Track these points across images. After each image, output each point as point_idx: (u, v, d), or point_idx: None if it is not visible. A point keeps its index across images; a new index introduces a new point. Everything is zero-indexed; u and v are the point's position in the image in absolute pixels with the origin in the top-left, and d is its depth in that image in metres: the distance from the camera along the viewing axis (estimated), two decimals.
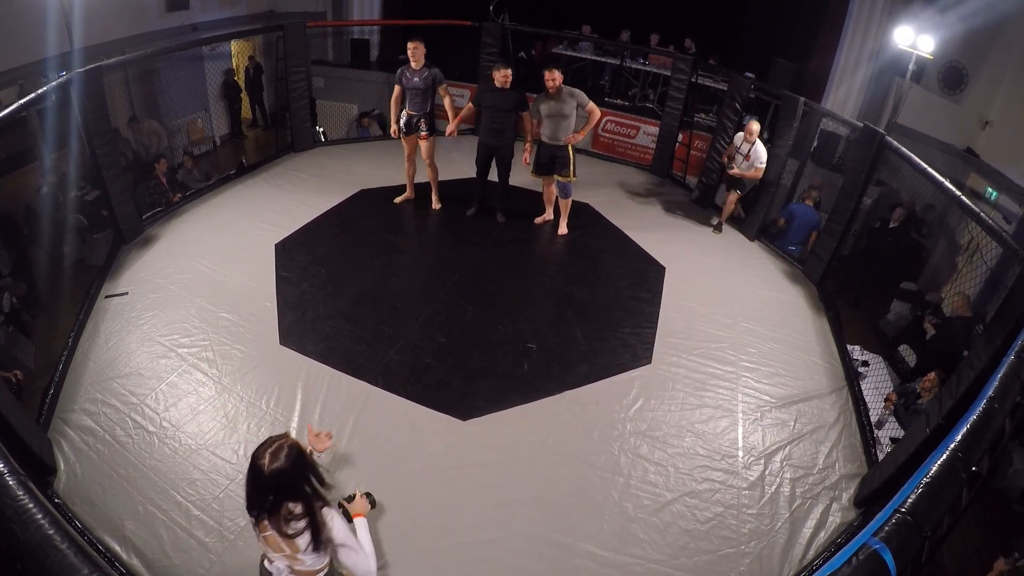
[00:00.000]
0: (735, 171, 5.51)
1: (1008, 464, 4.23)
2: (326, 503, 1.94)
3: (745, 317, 4.56)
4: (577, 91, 4.89)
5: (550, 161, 5.08)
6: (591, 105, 4.92)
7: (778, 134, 5.58)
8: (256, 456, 1.86)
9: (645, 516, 3.01)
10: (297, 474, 1.87)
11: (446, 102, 5.15)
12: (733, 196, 5.77)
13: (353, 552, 1.96)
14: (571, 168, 5.06)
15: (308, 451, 2.08)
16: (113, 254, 4.65)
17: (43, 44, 6.26)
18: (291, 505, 1.86)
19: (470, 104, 5.20)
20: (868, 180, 4.75)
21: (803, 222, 5.85)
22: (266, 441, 1.91)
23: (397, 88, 5.16)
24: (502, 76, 4.94)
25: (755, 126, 5.38)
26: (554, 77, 4.75)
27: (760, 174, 5.48)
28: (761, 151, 5.37)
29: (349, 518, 2.17)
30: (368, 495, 2.36)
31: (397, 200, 5.72)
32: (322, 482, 1.96)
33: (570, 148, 5.00)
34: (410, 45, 4.93)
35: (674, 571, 2.79)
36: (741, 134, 5.54)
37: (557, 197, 5.39)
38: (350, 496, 2.29)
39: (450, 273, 4.80)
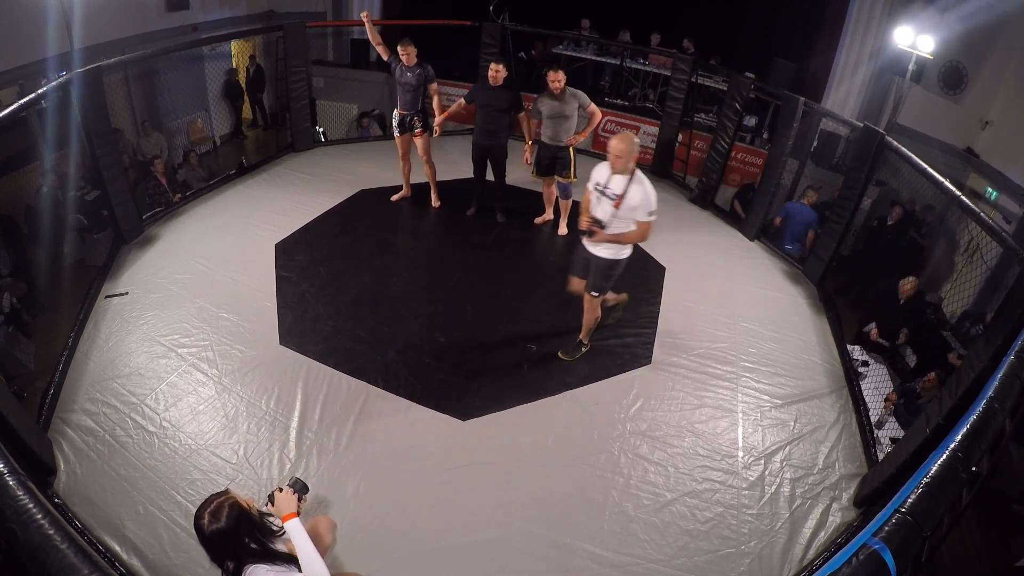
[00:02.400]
0: (599, 236, 3.37)
1: (1008, 464, 4.23)
2: (269, 558, 1.90)
3: (745, 317, 4.56)
4: (579, 92, 4.88)
5: (551, 162, 5.08)
6: (592, 107, 4.91)
7: (778, 134, 5.57)
8: (196, 517, 1.86)
9: (645, 516, 3.01)
10: (239, 533, 1.87)
11: (435, 100, 5.15)
12: (595, 302, 3.69)
13: None
14: (572, 169, 5.06)
15: (251, 505, 1.99)
16: (113, 254, 4.64)
17: (43, 44, 6.27)
18: (228, 563, 1.86)
19: (462, 100, 5.20)
20: (868, 180, 4.75)
21: (799, 221, 5.84)
22: (205, 501, 1.89)
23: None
24: (492, 71, 4.94)
25: (627, 141, 3.22)
26: (559, 78, 4.73)
27: (645, 234, 3.38)
28: (649, 194, 3.28)
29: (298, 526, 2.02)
30: (295, 482, 2.14)
31: (394, 198, 5.72)
32: (266, 534, 1.94)
33: (571, 149, 4.99)
34: (401, 49, 4.94)
35: (674, 571, 2.79)
36: (602, 165, 3.40)
37: (557, 197, 5.39)
38: (271, 496, 2.07)
39: (450, 273, 4.80)
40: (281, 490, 2.08)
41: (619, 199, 3.27)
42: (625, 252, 3.52)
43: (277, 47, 6.49)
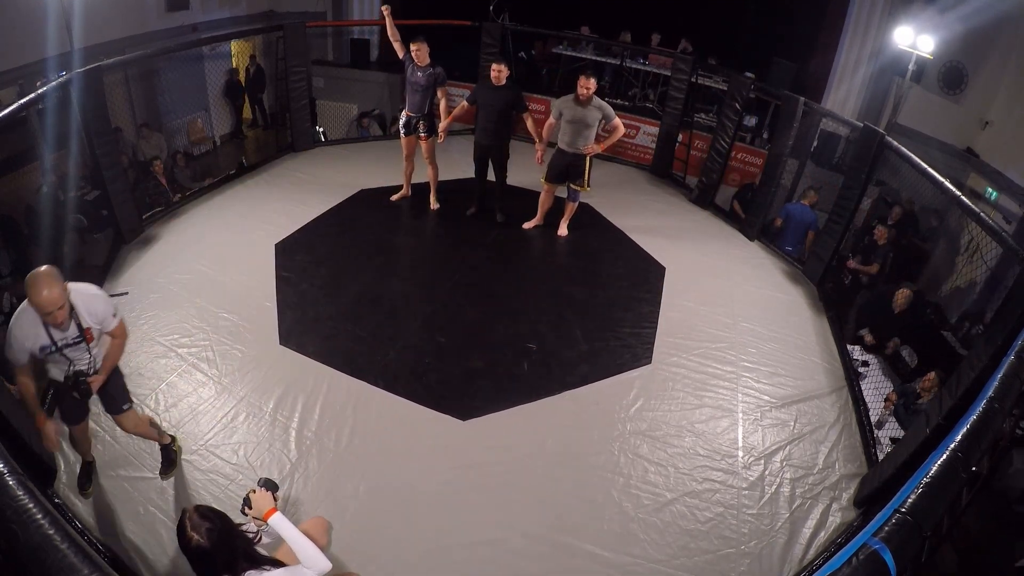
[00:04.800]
0: (94, 381, 2.64)
1: (1008, 464, 4.23)
2: (258, 563, 1.88)
3: (745, 317, 4.56)
4: (605, 105, 4.79)
5: (565, 170, 5.03)
6: (616, 121, 4.81)
7: (778, 134, 5.57)
8: (185, 542, 1.78)
9: (645, 516, 3.01)
10: (231, 531, 1.85)
11: (442, 104, 5.14)
12: (128, 419, 2.86)
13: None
14: (586, 179, 5.02)
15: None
16: (113, 254, 4.65)
17: (43, 44, 6.27)
18: None
19: (464, 103, 5.19)
20: (868, 180, 4.75)
21: (799, 222, 5.84)
22: (179, 527, 1.82)
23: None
24: (495, 71, 4.93)
25: (47, 284, 2.28)
26: (589, 85, 4.63)
27: (122, 345, 2.77)
28: (98, 297, 2.62)
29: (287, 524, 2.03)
30: (265, 482, 2.14)
31: (394, 198, 5.72)
32: (248, 542, 1.93)
33: (588, 158, 4.94)
34: (414, 46, 4.93)
35: (674, 571, 2.79)
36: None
37: (558, 198, 5.37)
38: (246, 500, 2.08)
39: (450, 273, 4.80)
40: (255, 491, 2.08)
41: (87, 331, 2.57)
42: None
43: (277, 47, 6.49)
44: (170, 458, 3.00)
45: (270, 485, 2.15)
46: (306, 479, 3.03)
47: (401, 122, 5.31)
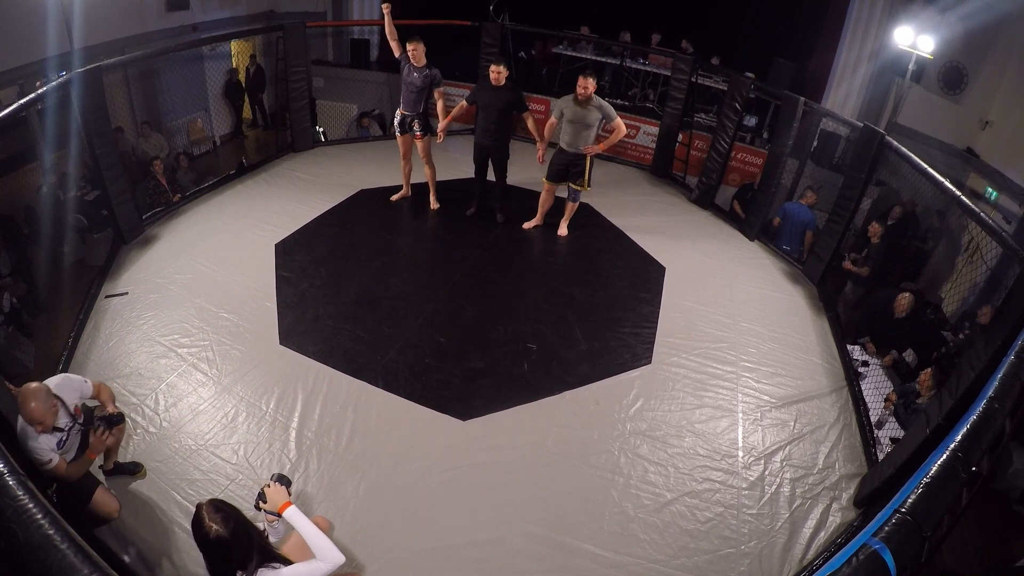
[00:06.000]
0: None
1: (1008, 464, 4.23)
2: (271, 559, 1.89)
3: (745, 317, 4.56)
4: (606, 105, 4.80)
5: (565, 169, 5.05)
6: (617, 122, 4.81)
7: (778, 134, 5.57)
8: (202, 535, 1.78)
9: (645, 516, 3.02)
10: (248, 526, 1.86)
11: (439, 104, 5.14)
12: None
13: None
14: (586, 178, 5.03)
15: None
16: (113, 254, 4.65)
17: (43, 44, 6.27)
18: (237, 573, 1.82)
19: (464, 103, 5.19)
20: (868, 180, 4.75)
21: (796, 221, 5.83)
22: (195, 522, 1.81)
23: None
24: (495, 72, 4.93)
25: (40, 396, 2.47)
26: (587, 86, 4.65)
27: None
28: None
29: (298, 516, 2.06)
30: (279, 477, 2.20)
31: (393, 198, 5.72)
32: (262, 536, 1.95)
33: (588, 158, 4.95)
34: (410, 46, 4.92)
35: (674, 571, 2.79)
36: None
37: (558, 198, 5.37)
38: (260, 494, 2.13)
39: (450, 273, 4.80)
40: (269, 485, 2.13)
41: (76, 410, 2.74)
42: None
43: (277, 47, 6.49)
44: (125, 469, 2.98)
45: (284, 480, 2.20)
46: (306, 479, 3.03)
47: (396, 120, 5.32)
